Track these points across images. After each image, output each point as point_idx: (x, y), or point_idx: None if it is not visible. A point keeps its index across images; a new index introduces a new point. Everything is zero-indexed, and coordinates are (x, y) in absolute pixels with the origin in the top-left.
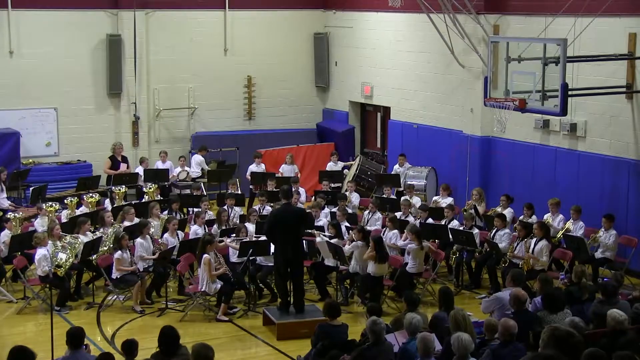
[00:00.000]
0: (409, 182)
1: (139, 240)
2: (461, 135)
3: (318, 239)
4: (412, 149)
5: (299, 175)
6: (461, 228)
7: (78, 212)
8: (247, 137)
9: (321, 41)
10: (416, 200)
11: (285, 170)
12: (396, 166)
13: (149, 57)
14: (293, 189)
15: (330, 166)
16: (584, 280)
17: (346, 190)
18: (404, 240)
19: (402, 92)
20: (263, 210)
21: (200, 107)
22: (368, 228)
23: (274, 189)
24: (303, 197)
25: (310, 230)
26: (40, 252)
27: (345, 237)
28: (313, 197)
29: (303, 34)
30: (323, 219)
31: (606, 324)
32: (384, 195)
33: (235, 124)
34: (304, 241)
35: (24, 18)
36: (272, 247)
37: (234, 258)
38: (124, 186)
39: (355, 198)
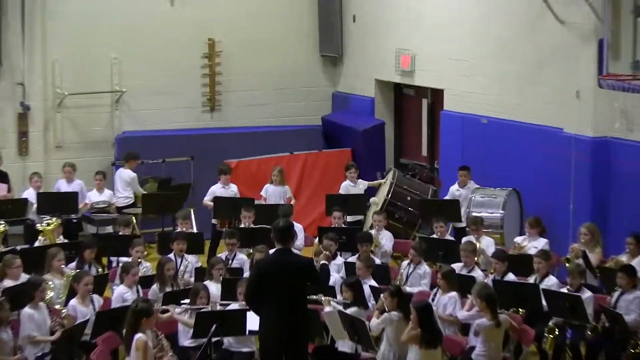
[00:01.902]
0: (475, 214)
1: (27, 310)
2: (561, 135)
3: (327, 309)
4: (479, 159)
5: (292, 203)
6: (563, 289)
7: None
8: (207, 140)
9: None
10: (487, 244)
11: (271, 194)
12: (454, 187)
13: (46, 13)
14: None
15: (346, 187)
16: None
17: (372, 228)
18: (468, 311)
19: (462, 66)
20: (233, 260)
21: (131, 92)
22: (408, 289)
23: (253, 226)
24: (300, 240)
25: (315, 296)
26: None
27: (370, 305)
28: (317, 239)
29: None
30: (334, 275)
31: None
32: (434, 236)
33: (189, 119)
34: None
35: None
36: (255, 320)
37: (186, 340)
38: (1, 221)
39: (386, 240)
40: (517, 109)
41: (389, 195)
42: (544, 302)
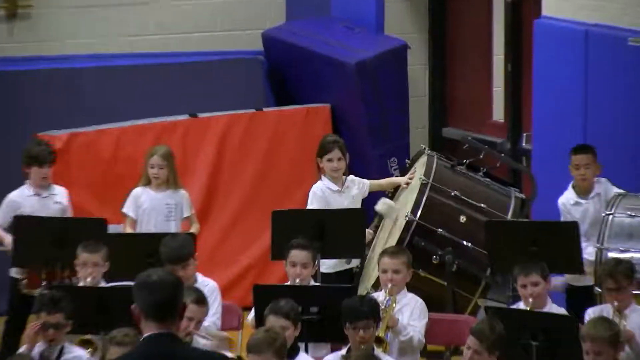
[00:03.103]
0: (615, 254)
1: None
2: None
3: None
4: (624, 128)
5: (194, 230)
6: None
7: None
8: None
9: None
10: None
11: (148, 208)
12: (567, 195)
13: None
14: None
15: (320, 194)
16: None
17: (377, 286)
18: None
19: None
20: None
21: None
22: None
23: (104, 284)
24: (213, 317)
25: None
26: None
27: None
28: (252, 314)
29: None
30: None
31: None
32: (520, 304)
33: None
34: None
35: None
36: None
37: None
38: None
39: (411, 314)
40: None
41: (418, 214)
42: None
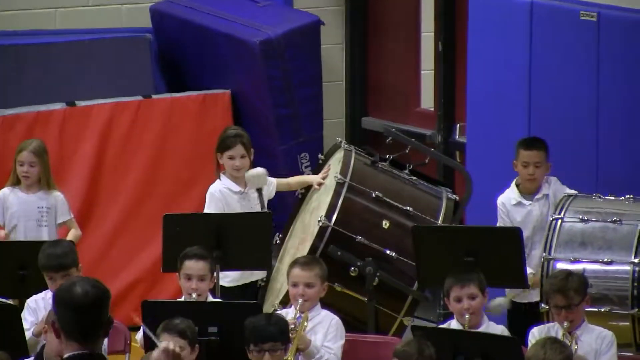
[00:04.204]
0: (565, 265)
1: None
2: None
3: None
4: (574, 121)
5: (73, 237)
6: None
7: None
8: None
9: None
10: (597, 347)
11: (18, 212)
12: (508, 194)
13: None
14: None
15: (220, 195)
16: None
17: (286, 302)
18: None
19: None
20: None
21: None
22: None
23: None
24: None
25: None
26: None
27: None
28: (140, 335)
29: None
30: None
31: None
32: (452, 323)
33: None
34: None
35: None
36: None
37: None
38: None
39: (325, 333)
40: None
41: (333, 219)
42: None
